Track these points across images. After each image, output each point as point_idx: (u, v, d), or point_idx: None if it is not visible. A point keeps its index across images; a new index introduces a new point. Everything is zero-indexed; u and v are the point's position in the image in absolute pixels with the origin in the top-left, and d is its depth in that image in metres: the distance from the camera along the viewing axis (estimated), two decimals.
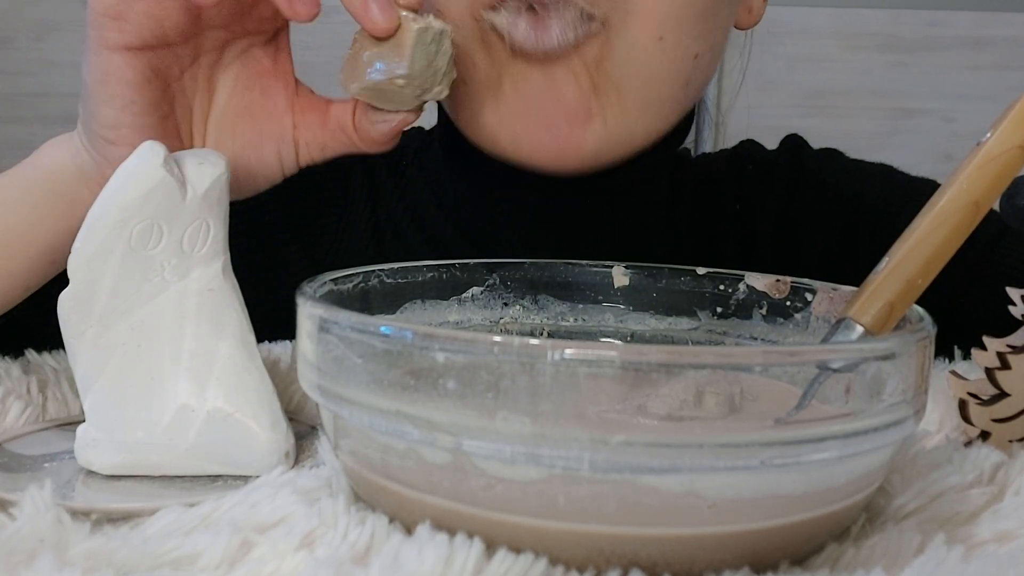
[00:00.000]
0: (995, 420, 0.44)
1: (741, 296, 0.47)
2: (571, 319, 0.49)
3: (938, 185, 0.39)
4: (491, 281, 0.48)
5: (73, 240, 0.39)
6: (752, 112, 0.80)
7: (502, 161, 0.58)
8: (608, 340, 0.49)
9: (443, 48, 0.46)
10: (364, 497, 0.36)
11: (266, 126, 0.49)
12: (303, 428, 0.45)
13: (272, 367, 0.50)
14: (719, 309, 0.47)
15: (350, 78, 0.46)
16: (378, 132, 0.48)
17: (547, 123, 0.55)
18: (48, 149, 0.50)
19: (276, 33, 0.50)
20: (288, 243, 0.66)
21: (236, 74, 0.49)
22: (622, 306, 0.49)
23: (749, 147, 0.77)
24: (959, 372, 0.46)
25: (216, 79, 0.49)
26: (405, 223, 0.68)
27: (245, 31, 0.49)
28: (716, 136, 1.47)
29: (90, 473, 0.40)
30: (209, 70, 0.49)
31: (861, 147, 0.81)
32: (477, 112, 0.56)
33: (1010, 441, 0.44)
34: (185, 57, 0.47)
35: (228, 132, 0.49)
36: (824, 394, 0.35)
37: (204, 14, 0.46)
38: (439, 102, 0.56)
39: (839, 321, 0.38)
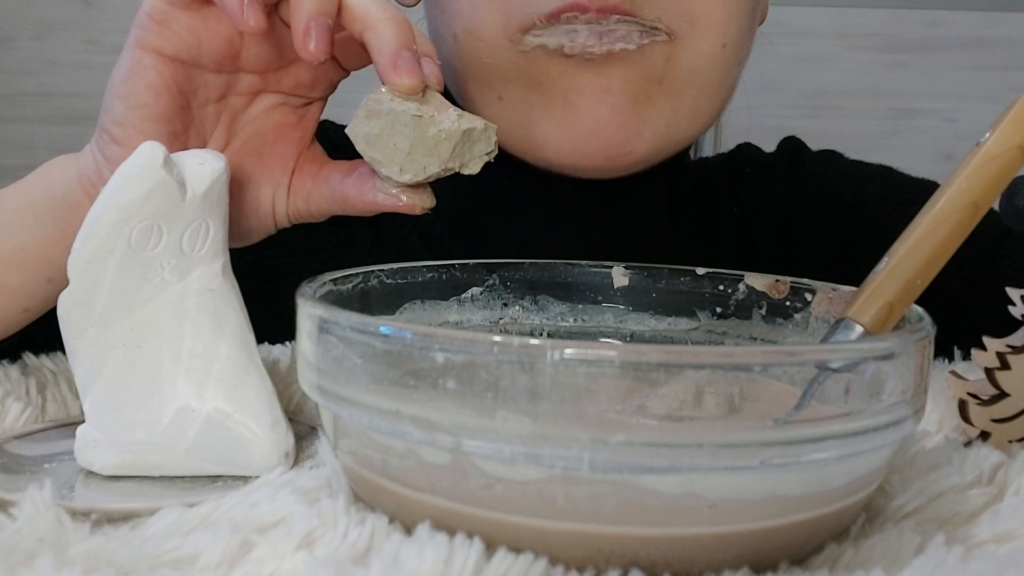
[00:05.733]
0: (995, 420, 0.44)
1: (740, 296, 0.47)
2: (571, 319, 0.49)
3: (938, 186, 0.39)
4: (491, 281, 0.48)
5: (69, 250, 0.39)
6: (752, 113, 0.80)
7: (540, 166, 0.58)
8: (608, 340, 0.49)
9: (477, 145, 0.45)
10: (364, 497, 0.36)
11: (269, 165, 0.49)
12: (303, 428, 0.45)
13: (272, 367, 0.50)
14: (719, 309, 0.47)
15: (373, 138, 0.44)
16: (371, 197, 0.46)
17: (598, 133, 0.55)
18: (53, 162, 0.50)
19: (310, 101, 0.50)
20: (288, 254, 0.66)
21: (259, 124, 0.49)
22: (622, 306, 0.49)
23: (747, 150, 0.77)
24: (959, 372, 0.46)
25: (238, 124, 0.49)
26: (405, 232, 0.68)
27: (280, 88, 0.49)
28: (716, 137, 1.47)
29: (90, 473, 0.40)
30: (234, 113, 0.49)
31: (861, 147, 0.81)
32: (519, 124, 0.56)
33: (1010, 441, 0.44)
34: (213, 88, 0.47)
35: (233, 166, 0.49)
36: (823, 394, 0.35)
37: (243, 54, 0.46)
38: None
39: (838, 321, 0.38)
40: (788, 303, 0.45)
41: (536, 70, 0.54)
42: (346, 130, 0.44)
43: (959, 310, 0.67)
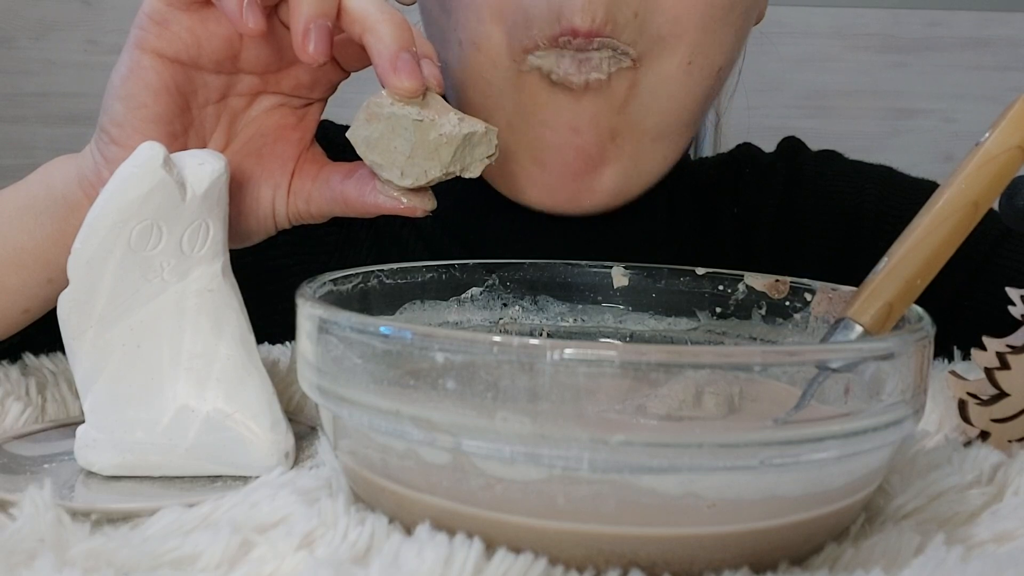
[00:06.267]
0: (994, 420, 0.44)
1: (740, 296, 0.47)
2: (570, 320, 0.49)
3: (938, 186, 0.39)
4: (490, 282, 0.48)
5: (68, 251, 0.39)
6: (752, 113, 0.80)
7: (517, 203, 0.59)
8: (607, 340, 0.49)
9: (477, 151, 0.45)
10: (364, 497, 0.36)
11: (268, 167, 0.49)
12: (303, 428, 0.45)
13: (272, 367, 0.50)
14: (718, 309, 0.47)
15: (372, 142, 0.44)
16: (371, 199, 0.45)
17: (563, 169, 0.56)
18: (54, 162, 0.50)
19: (310, 102, 0.50)
20: (288, 254, 0.66)
21: (259, 125, 0.49)
22: (621, 306, 0.49)
23: (746, 150, 0.77)
24: (959, 372, 0.46)
25: (237, 125, 0.49)
26: (405, 233, 0.68)
27: (279, 89, 0.49)
28: (716, 137, 1.47)
29: (90, 473, 0.40)
30: (234, 114, 0.49)
31: (861, 147, 0.81)
32: (502, 155, 0.56)
33: (1009, 441, 0.44)
34: (213, 89, 0.47)
35: (233, 167, 0.49)
36: (823, 394, 0.35)
37: (242, 55, 0.46)
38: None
39: (838, 321, 0.38)
40: (788, 303, 0.45)
41: (527, 94, 0.54)
42: (346, 134, 0.44)
43: (959, 310, 0.68)
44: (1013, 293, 0.44)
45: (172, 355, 0.41)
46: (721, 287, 0.47)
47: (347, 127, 0.44)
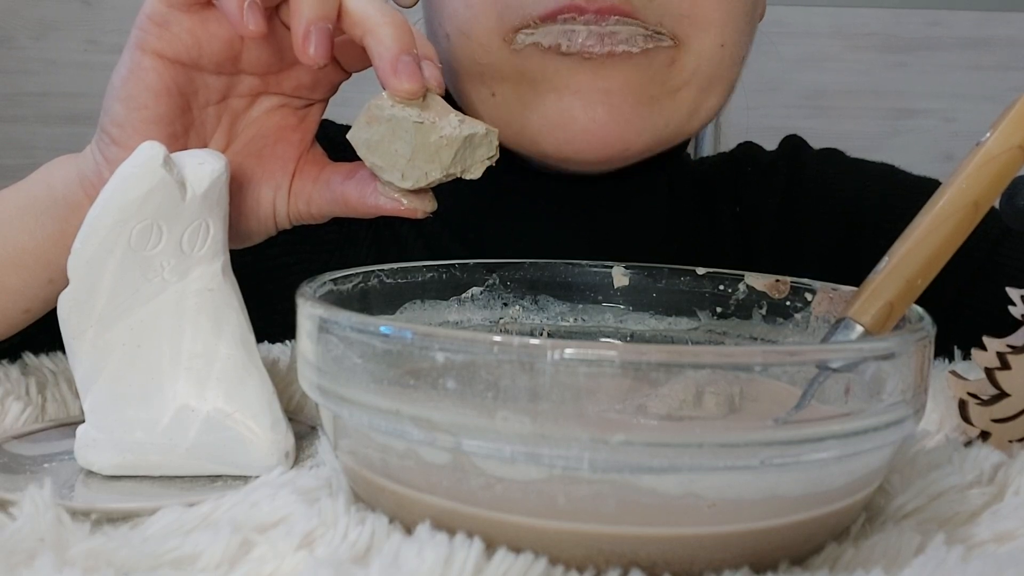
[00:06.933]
0: (995, 420, 0.44)
1: (741, 296, 0.47)
2: (571, 319, 0.49)
3: (940, 184, 0.39)
4: (491, 281, 0.48)
5: (69, 251, 0.39)
6: (752, 112, 0.80)
7: (535, 158, 0.58)
8: (608, 340, 0.49)
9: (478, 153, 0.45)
10: (364, 497, 0.36)
11: (269, 168, 0.48)
12: (303, 428, 0.45)
13: (272, 367, 0.50)
14: (719, 309, 0.47)
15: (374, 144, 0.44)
16: (372, 200, 0.45)
17: (594, 132, 0.55)
18: (54, 162, 0.50)
19: (311, 103, 0.50)
20: (288, 253, 0.66)
21: (260, 125, 0.49)
22: (622, 306, 0.49)
23: (748, 149, 0.77)
24: (959, 372, 0.46)
25: (238, 126, 0.49)
26: (405, 232, 0.68)
27: (280, 90, 0.49)
28: (716, 137, 1.47)
29: (90, 473, 0.40)
30: (234, 115, 0.48)
31: (861, 147, 0.81)
32: (513, 120, 0.56)
33: (1010, 441, 0.44)
34: (214, 90, 0.47)
35: (234, 168, 0.49)
36: (824, 394, 0.35)
37: (243, 56, 0.46)
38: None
39: (839, 321, 0.38)
40: (788, 303, 0.45)
41: (530, 68, 0.54)
42: (347, 136, 0.44)
43: (959, 310, 0.68)
44: (1013, 293, 0.44)
45: (172, 355, 0.40)
46: (722, 287, 0.47)
47: (348, 127, 0.44)
